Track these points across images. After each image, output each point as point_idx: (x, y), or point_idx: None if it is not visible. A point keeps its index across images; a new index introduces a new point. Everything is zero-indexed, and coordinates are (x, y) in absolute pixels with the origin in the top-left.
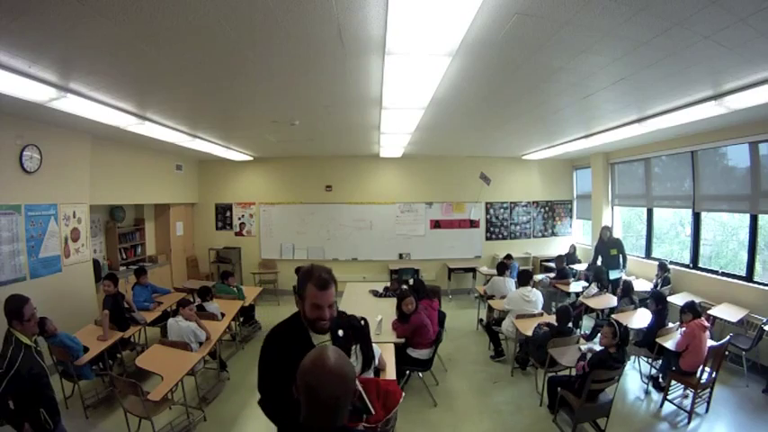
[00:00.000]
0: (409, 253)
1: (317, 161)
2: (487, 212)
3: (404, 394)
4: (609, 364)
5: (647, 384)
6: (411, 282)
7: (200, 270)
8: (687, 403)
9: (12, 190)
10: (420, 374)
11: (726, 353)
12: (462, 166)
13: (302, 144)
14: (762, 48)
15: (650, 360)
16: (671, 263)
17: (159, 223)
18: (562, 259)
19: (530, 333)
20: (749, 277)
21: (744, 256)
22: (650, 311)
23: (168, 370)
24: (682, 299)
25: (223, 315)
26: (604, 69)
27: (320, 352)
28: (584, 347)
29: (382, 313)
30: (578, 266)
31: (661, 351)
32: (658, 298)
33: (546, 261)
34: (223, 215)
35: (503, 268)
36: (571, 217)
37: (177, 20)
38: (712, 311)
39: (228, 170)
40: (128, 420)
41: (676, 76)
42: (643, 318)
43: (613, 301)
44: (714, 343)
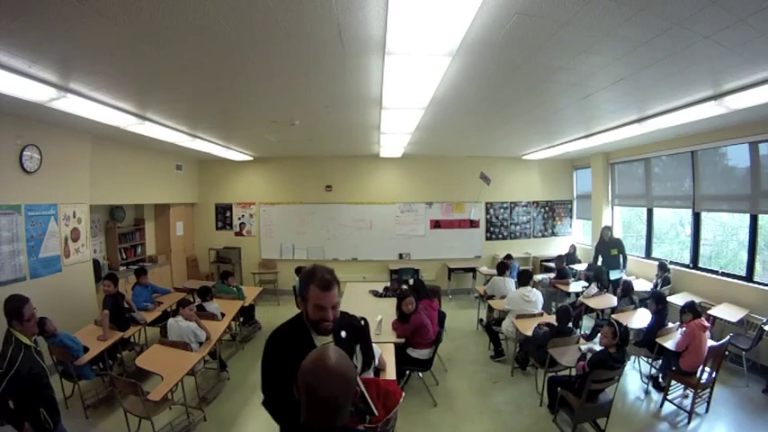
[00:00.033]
0: (409, 253)
1: (317, 161)
2: (487, 212)
3: (404, 394)
4: (609, 364)
5: (647, 384)
6: (411, 282)
7: (200, 270)
8: (687, 403)
9: (12, 190)
10: (420, 374)
11: (726, 353)
12: (462, 166)
13: (302, 144)
14: (762, 48)
15: (650, 360)
16: (671, 263)
17: (159, 223)
18: (562, 259)
19: (530, 333)
20: (749, 277)
21: (744, 256)
22: (650, 311)
23: (168, 370)
24: (682, 299)
25: (223, 315)
26: (604, 69)
27: (321, 352)
28: (584, 347)
29: (382, 313)
30: (578, 266)
31: (661, 351)
32: (658, 298)
33: (546, 261)
34: (223, 215)
35: (503, 268)
36: (571, 217)
37: (177, 20)
38: (712, 311)
39: (228, 170)
40: (128, 420)
41: (676, 76)
42: (643, 318)
43: (613, 301)
44: (714, 343)
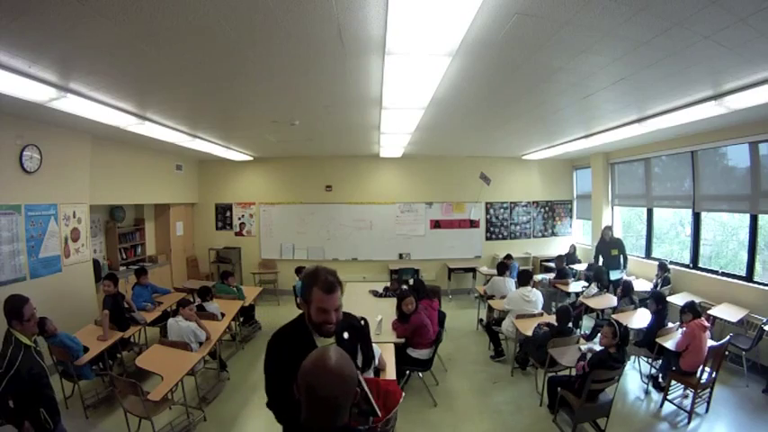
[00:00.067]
0: (409, 253)
1: (317, 161)
2: (487, 212)
3: (404, 394)
4: (609, 364)
5: (647, 384)
6: (411, 282)
7: (200, 270)
8: (687, 403)
9: (12, 190)
10: (420, 374)
11: (726, 353)
12: (462, 166)
13: (302, 144)
14: (762, 48)
15: (650, 360)
16: (671, 263)
17: (159, 223)
18: (562, 259)
19: (530, 333)
20: (749, 277)
21: (744, 256)
22: (650, 311)
23: (168, 370)
24: (682, 299)
25: (223, 315)
26: (604, 69)
27: (322, 352)
28: (584, 347)
29: (382, 313)
30: (578, 266)
31: (661, 351)
32: (658, 298)
33: (546, 261)
34: (223, 215)
35: (503, 268)
36: (571, 217)
37: (177, 20)
38: (712, 311)
39: (228, 170)
40: (128, 420)
41: (676, 76)
42: (643, 318)
43: (613, 301)
44: (714, 343)
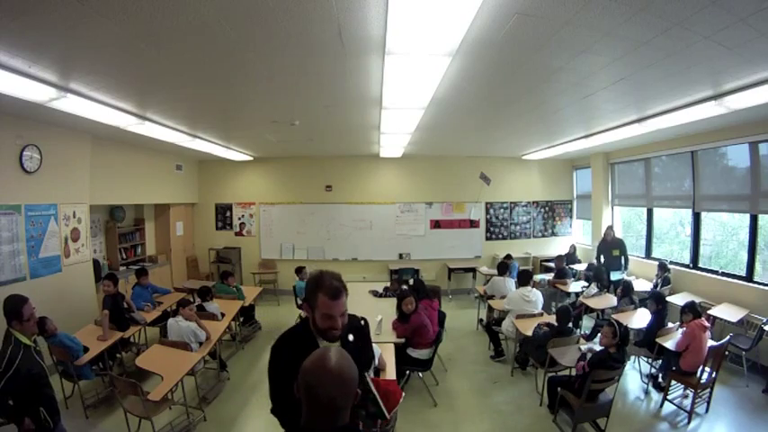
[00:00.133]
0: (409, 253)
1: (317, 161)
2: (487, 212)
3: (404, 394)
4: (609, 364)
5: (647, 384)
6: (411, 282)
7: (200, 270)
8: (687, 403)
9: (12, 190)
10: (420, 374)
11: (726, 353)
12: (462, 166)
13: (302, 144)
14: (762, 48)
15: (650, 360)
16: (671, 263)
17: (159, 223)
18: (562, 259)
19: (530, 333)
20: (749, 277)
21: (744, 256)
22: (650, 311)
23: (168, 370)
24: (682, 299)
25: (223, 315)
26: (604, 69)
27: (323, 352)
28: (584, 347)
29: (382, 313)
30: (578, 266)
31: (661, 351)
32: (658, 298)
33: (546, 261)
34: (223, 215)
35: (503, 268)
36: (571, 217)
37: (177, 20)
38: (712, 311)
39: (228, 170)
40: (128, 420)
41: (676, 76)
42: (643, 318)
43: (613, 301)
44: (714, 343)
